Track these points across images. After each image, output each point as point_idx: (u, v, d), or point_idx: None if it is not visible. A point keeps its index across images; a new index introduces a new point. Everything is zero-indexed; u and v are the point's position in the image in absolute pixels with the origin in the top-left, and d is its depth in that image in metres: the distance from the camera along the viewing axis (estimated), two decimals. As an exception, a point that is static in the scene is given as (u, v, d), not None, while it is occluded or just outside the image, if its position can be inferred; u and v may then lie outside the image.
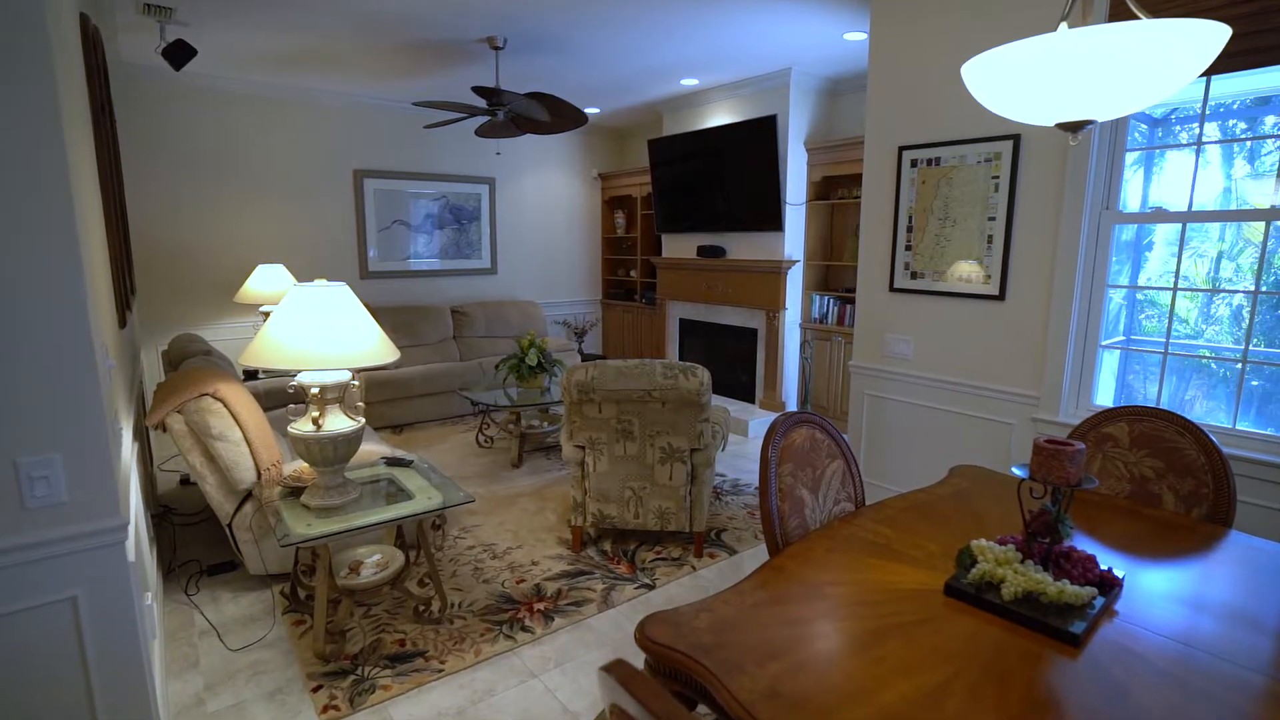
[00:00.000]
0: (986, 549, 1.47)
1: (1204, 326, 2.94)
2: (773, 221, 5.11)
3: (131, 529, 1.56)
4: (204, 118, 4.95)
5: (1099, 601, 1.33)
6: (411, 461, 2.74)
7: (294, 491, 2.44)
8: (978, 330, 3.01)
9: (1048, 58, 1.22)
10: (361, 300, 5.76)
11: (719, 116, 5.55)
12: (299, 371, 2.15)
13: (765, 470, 1.78)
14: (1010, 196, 2.83)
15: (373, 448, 2.98)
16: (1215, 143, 2.72)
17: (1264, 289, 2.42)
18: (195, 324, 5.08)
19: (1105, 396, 2.81)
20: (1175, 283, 2.57)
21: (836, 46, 4.27)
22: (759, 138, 5.04)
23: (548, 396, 4.44)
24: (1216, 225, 2.75)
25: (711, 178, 5.53)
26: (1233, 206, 2.66)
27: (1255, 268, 2.45)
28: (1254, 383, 2.63)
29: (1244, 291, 2.68)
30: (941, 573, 1.51)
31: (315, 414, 2.21)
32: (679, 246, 6.10)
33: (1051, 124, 1.31)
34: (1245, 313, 2.71)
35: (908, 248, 3.22)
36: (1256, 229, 2.63)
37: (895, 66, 3.18)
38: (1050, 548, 1.41)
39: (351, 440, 2.28)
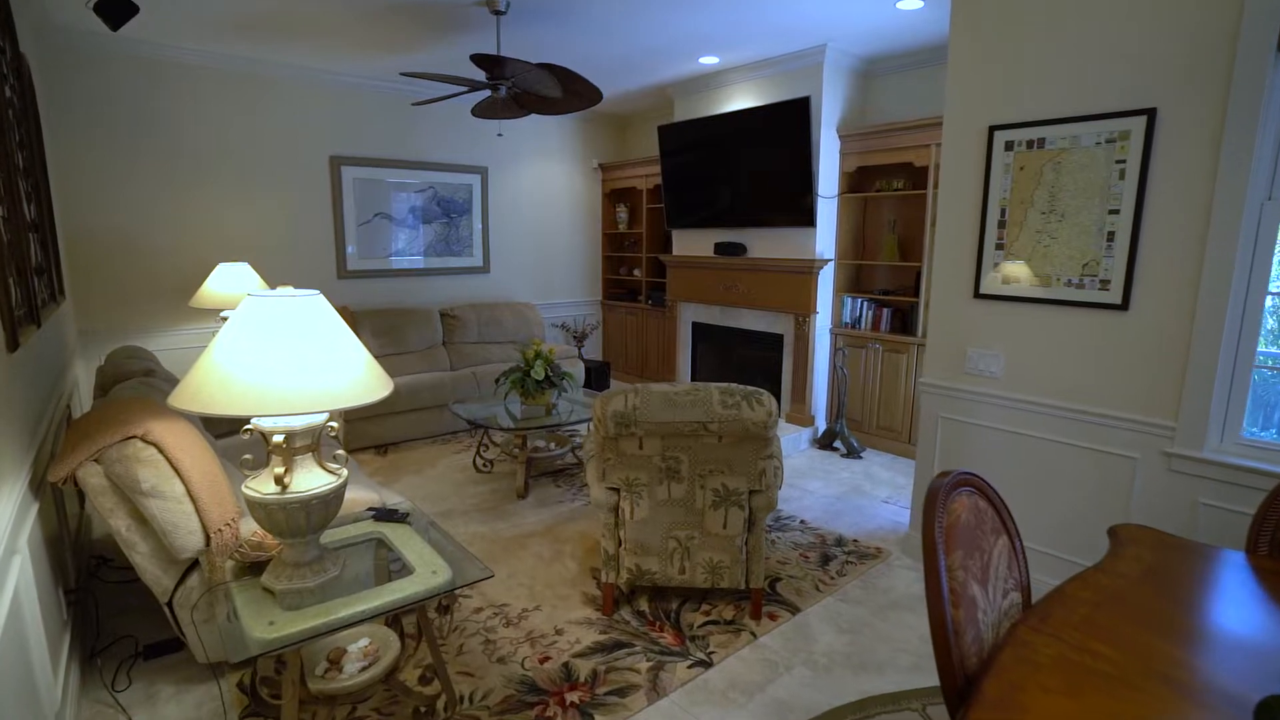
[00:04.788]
0: (1327, 712, 0.96)
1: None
2: (803, 216, 4.59)
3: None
4: (155, 92, 4.27)
5: None
6: (407, 515, 2.16)
7: (254, 564, 1.85)
8: (1091, 345, 2.51)
9: None
10: (339, 303, 5.15)
11: (737, 100, 5.01)
12: (255, 416, 1.57)
13: (932, 563, 1.25)
14: (1140, 185, 2.33)
15: (355, 494, 2.40)
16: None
17: None
18: (144, 333, 4.41)
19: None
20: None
21: (885, 17, 3.75)
22: (788, 123, 4.50)
23: (555, 415, 3.87)
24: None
25: (731, 168, 4.99)
26: None
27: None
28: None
29: None
30: (1245, 742, 1.00)
31: (279, 470, 1.63)
32: (692, 243, 5.56)
33: None
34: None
35: (999, 247, 2.71)
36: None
37: (986, 28, 2.66)
38: None
39: (330, 502, 1.70)
